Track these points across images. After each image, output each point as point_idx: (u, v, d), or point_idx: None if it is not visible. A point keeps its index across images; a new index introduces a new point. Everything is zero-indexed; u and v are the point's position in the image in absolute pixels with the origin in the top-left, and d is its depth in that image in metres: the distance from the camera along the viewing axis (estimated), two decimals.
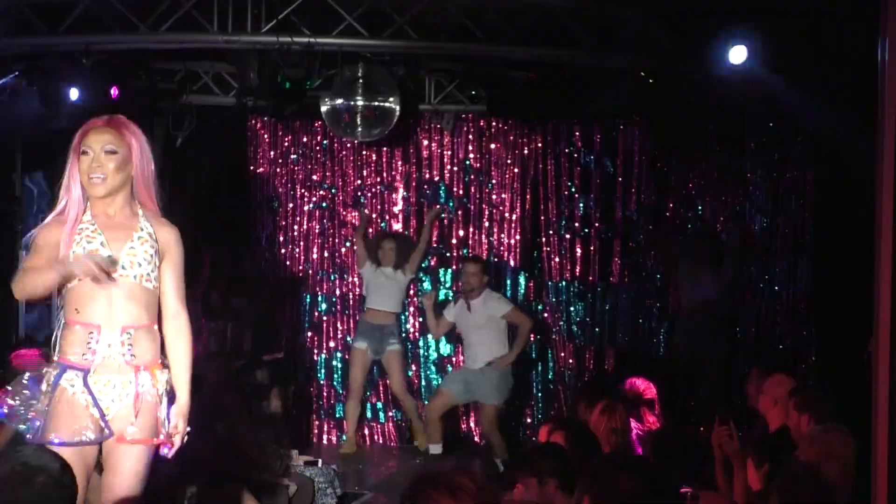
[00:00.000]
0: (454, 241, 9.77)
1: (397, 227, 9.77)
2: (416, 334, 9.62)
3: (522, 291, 9.78)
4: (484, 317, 8.31)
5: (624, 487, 2.94)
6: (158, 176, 4.14)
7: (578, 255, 9.75)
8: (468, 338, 8.45)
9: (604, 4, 7.34)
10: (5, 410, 3.72)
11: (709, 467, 4.93)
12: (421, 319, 9.48)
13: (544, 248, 9.77)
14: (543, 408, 9.64)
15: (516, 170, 9.77)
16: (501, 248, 9.72)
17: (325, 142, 9.85)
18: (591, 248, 9.76)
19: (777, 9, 7.14)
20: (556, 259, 9.74)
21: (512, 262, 9.77)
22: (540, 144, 9.76)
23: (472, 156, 9.81)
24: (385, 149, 9.76)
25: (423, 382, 9.59)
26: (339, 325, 9.83)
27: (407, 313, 9.51)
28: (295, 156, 9.90)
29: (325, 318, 9.84)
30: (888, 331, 3.20)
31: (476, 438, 9.54)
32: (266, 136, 9.92)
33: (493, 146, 9.80)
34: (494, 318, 8.32)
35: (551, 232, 9.76)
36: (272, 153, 9.93)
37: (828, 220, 9.33)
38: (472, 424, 9.59)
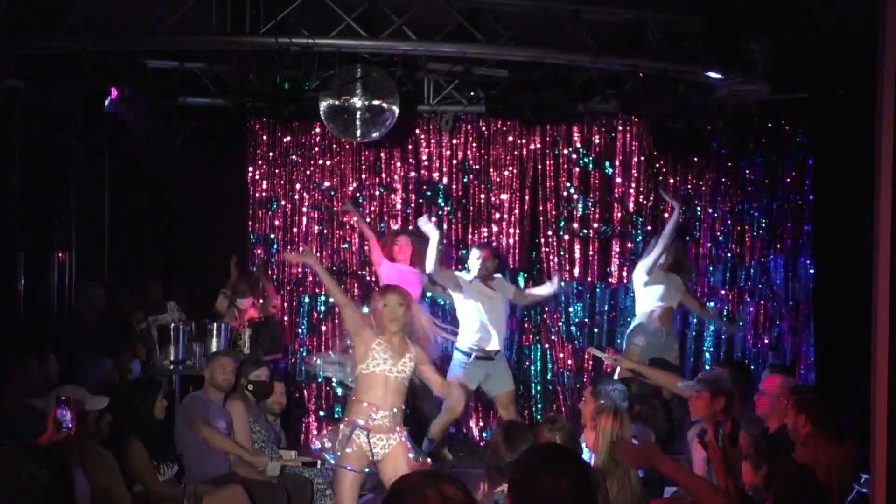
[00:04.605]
0: (454, 241, 9.77)
1: (396, 228, 9.77)
2: None
3: None
4: (504, 298, 8.29)
5: (543, 487, 2.84)
6: (157, 178, 4.28)
7: (577, 255, 9.75)
8: (489, 319, 8.13)
9: (602, 5, 7.34)
10: (318, 446, 5.72)
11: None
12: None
13: (543, 249, 9.78)
14: (542, 408, 9.64)
15: (515, 170, 9.78)
16: (500, 249, 9.71)
17: (323, 143, 9.85)
18: (590, 248, 9.77)
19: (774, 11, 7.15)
20: (555, 259, 9.74)
21: (511, 263, 9.77)
22: (539, 145, 9.77)
23: (470, 156, 9.81)
24: (384, 149, 9.76)
25: None
26: (337, 326, 9.82)
27: None
28: (294, 157, 9.91)
29: (323, 319, 9.84)
30: (887, 330, 3.20)
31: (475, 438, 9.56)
32: (264, 137, 9.93)
33: (491, 147, 9.81)
34: (508, 298, 8.34)
35: (550, 233, 9.77)
36: (271, 154, 9.94)
37: (827, 221, 9.34)
38: (470, 424, 9.61)
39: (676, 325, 9.16)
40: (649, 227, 9.72)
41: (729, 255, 9.75)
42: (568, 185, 9.78)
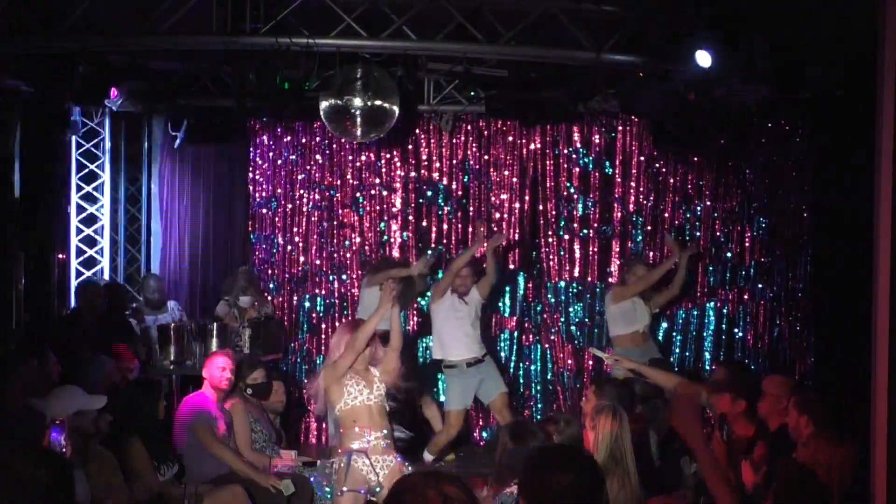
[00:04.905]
0: (453, 241, 9.77)
1: (396, 228, 9.77)
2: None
3: (521, 292, 9.77)
4: (477, 305, 8.28)
5: (556, 485, 2.86)
6: (157, 178, 4.29)
7: (577, 255, 9.75)
8: (465, 328, 8.18)
9: (602, 5, 7.34)
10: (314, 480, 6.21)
11: None
12: (419, 320, 9.50)
13: (543, 249, 9.77)
14: (542, 408, 9.63)
15: (515, 170, 9.77)
16: (500, 249, 9.70)
17: (323, 143, 9.85)
18: (591, 248, 9.76)
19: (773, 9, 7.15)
20: (555, 259, 9.74)
21: (511, 263, 9.76)
22: (539, 145, 9.77)
23: (470, 156, 9.81)
24: (384, 149, 9.76)
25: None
26: (337, 325, 9.80)
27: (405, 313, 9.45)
28: (294, 157, 9.90)
29: (323, 318, 9.84)
30: (887, 331, 3.20)
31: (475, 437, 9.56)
32: (265, 137, 9.92)
33: (491, 147, 9.80)
34: (480, 302, 8.30)
35: (550, 232, 9.76)
36: (271, 154, 9.94)
37: (827, 220, 9.33)
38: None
39: (658, 333, 9.21)
40: (649, 227, 9.72)
41: (729, 255, 9.75)
42: (568, 185, 9.77)
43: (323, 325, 9.84)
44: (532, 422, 7.15)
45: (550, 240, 9.77)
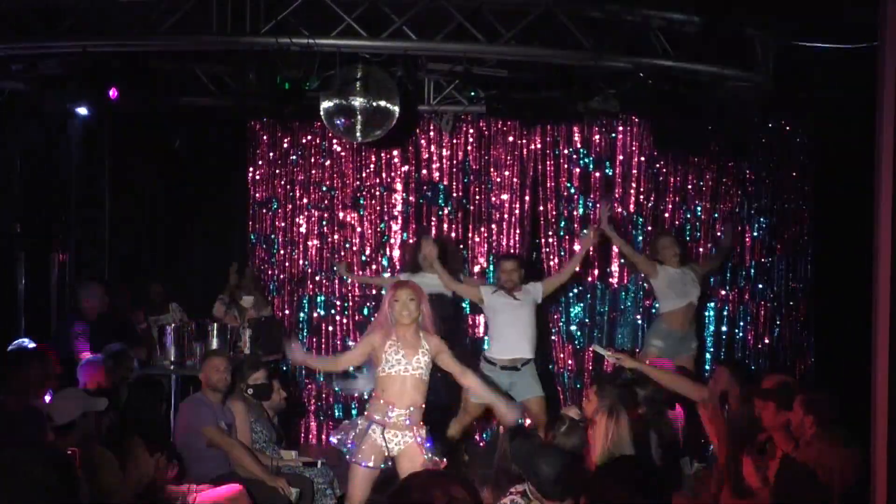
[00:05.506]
0: (454, 241, 9.76)
1: (396, 228, 9.77)
2: None
3: None
4: (531, 306, 7.92)
5: (617, 496, 2.90)
6: (157, 178, 4.30)
7: None
8: (514, 330, 7.83)
9: (603, 4, 7.34)
10: (335, 440, 5.85)
11: None
12: None
13: (543, 249, 9.76)
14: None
15: (515, 170, 9.77)
16: (501, 249, 9.71)
17: (324, 143, 9.85)
18: (591, 248, 9.74)
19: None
20: (556, 260, 9.73)
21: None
22: (539, 145, 9.76)
23: (471, 156, 9.81)
24: (384, 150, 9.76)
25: None
26: (337, 326, 9.82)
27: None
28: (294, 157, 9.91)
29: (323, 318, 9.84)
30: (887, 330, 3.20)
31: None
32: (265, 137, 9.93)
33: (492, 147, 9.80)
34: (536, 303, 8.02)
35: (551, 233, 9.76)
36: (271, 154, 9.94)
37: (827, 221, 9.34)
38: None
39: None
40: (649, 228, 9.71)
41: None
42: (568, 185, 9.77)
43: (323, 325, 9.84)
44: (533, 431, 7.09)
45: (550, 240, 9.76)
